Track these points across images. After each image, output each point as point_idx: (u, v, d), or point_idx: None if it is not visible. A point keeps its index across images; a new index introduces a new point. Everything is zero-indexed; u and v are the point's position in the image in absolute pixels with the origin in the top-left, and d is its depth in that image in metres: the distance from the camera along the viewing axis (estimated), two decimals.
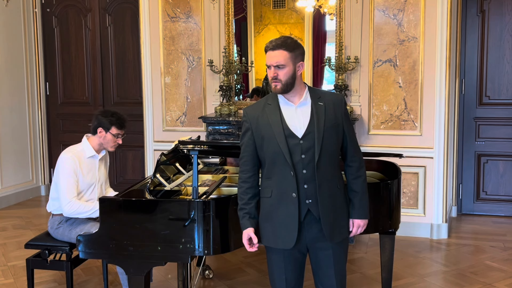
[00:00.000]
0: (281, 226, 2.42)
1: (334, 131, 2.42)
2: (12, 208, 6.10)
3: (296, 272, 2.50)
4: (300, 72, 2.42)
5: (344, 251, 2.53)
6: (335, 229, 2.44)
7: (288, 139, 2.38)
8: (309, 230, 2.42)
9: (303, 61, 2.43)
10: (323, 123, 2.39)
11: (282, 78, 2.37)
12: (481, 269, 4.20)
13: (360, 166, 2.52)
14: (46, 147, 6.71)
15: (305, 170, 2.38)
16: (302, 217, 2.39)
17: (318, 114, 2.41)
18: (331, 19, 5.04)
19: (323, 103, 2.43)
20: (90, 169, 3.47)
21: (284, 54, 2.36)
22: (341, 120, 2.45)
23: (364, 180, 2.52)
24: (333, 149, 2.43)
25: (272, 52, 2.38)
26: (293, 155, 2.38)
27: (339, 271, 2.50)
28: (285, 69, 2.37)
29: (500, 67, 5.45)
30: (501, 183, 5.56)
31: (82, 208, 3.32)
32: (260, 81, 5.13)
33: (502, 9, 5.39)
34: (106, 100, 6.33)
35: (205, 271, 4.03)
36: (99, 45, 6.39)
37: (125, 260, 2.82)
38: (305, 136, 2.39)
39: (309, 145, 2.38)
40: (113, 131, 3.43)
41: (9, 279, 4.10)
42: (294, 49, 2.38)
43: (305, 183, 2.38)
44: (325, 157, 2.39)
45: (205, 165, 3.80)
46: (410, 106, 4.84)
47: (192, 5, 5.29)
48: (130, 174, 6.39)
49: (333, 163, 2.44)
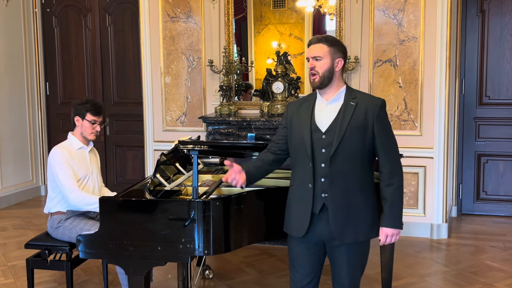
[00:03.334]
0: (296, 214, 2.52)
1: (359, 132, 2.42)
2: (12, 208, 6.10)
3: (311, 264, 2.54)
4: (339, 69, 2.48)
5: (360, 254, 2.51)
6: (345, 228, 2.44)
7: (313, 133, 2.46)
8: (324, 224, 2.46)
9: (343, 58, 2.49)
10: (348, 122, 2.41)
11: (319, 70, 2.45)
12: (481, 269, 4.20)
13: (393, 174, 2.45)
14: (46, 147, 6.71)
15: (324, 164, 2.43)
16: (316, 210, 2.45)
17: (345, 113, 2.44)
18: (331, 19, 5.04)
19: (355, 103, 2.45)
20: (81, 161, 3.49)
21: (323, 47, 2.46)
22: (372, 123, 2.43)
23: (396, 188, 2.45)
24: (355, 149, 2.42)
25: (313, 46, 2.49)
26: (315, 149, 2.45)
27: (353, 272, 2.51)
28: (322, 61, 2.45)
29: (500, 67, 5.45)
30: (501, 183, 5.56)
31: (88, 199, 3.33)
32: (260, 81, 5.13)
33: (502, 9, 5.39)
34: (106, 100, 6.33)
35: (205, 271, 4.03)
36: (99, 45, 6.39)
37: (125, 260, 2.82)
38: (328, 131, 2.44)
39: (330, 140, 2.42)
40: (88, 118, 3.48)
41: (9, 279, 4.10)
42: (333, 44, 2.47)
43: (322, 177, 2.44)
44: (343, 154, 2.41)
45: (205, 165, 3.80)
46: (410, 106, 4.84)
47: (192, 5, 5.29)
48: (130, 174, 6.39)
49: (354, 163, 2.43)
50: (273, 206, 2.94)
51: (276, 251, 4.60)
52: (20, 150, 6.40)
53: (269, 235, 3.04)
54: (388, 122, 2.51)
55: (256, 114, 5.06)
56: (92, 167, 3.57)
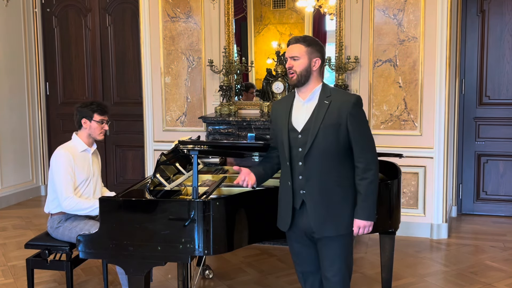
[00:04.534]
0: (282, 210, 2.68)
1: (332, 130, 2.49)
2: (12, 208, 6.10)
3: (306, 256, 2.68)
4: (316, 68, 2.56)
5: (341, 247, 2.58)
6: (324, 223, 2.53)
7: (290, 133, 2.58)
8: (304, 218, 2.58)
9: (320, 58, 2.57)
10: (321, 121, 2.49)
11: (296, 69, 2.54)
12: (481, 269, 4.20)
13: (367, 168, 2.51)
14: (46, 147, 6.71)
15: (301, 162, 2.55)
16: (297, 205, 2.59)
17: (319, 112, 2.52)
18: (331, 19, 5.04)
19: (329, 101, 2.52)
20: (84, 163, 3.48)
21: (300, 47, 2.55)
22: (345, 121, 2.48)
23: (370, 182, 2.51)
24: (330, 147, 2.50)
25: (291, 46, 2.58)
26: (293, 148, 2.57)
27: (335, 265, 2.57)
28: (299, 61, 2.54)
29: (500, 67, 5.45)
30: (501, 183, 5.56)
31: (81, 205, 3.33)
32: (260, 81, 5.12)
33: (502, 9, 5.39)
34: (106, 100, 6.32)
35: (205, 271, 4.03)
36: (99, 45, 6.39)
37: (125, 260, 2.82)
38: (303, 131, 2.55)
39: (305, 139, 2.53)
40: (96, 118, 3.48)
41: (9, 279, 4.11)
42: (311, 44, 2.55)
43: (299, 175, 2.56)
44: (317, 153, 2.50)
45: (205, 165, 3.80)
46: (410, 106, 4.84)
47: (192, 5, 5.29)
48: (130, 174, 6.39)
49: (330, 160, 2.51)
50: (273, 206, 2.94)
51: (276, 251, 4.60)
52: (20, 150, 6.40)
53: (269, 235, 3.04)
54: (363, 118, 2.56)
55: (256, 114, 5.06)
56: (94, 169, 3.57)
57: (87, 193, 3.48)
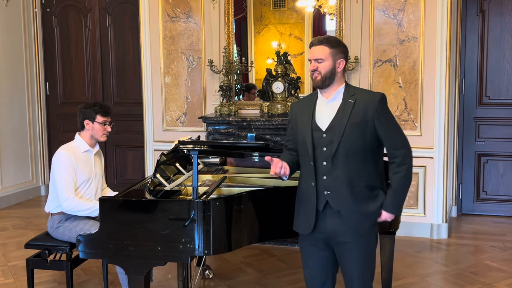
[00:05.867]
0: (303, 212, 2.58)
1: (359, 128, 2.45)
2: (12, 208, 6.10)
3: (321, 261, 2.60)
4: (341, 69, 2.53)
5: (365, 249, 2.53)
6: (350, 226, 2.48)
7: (314, 132, 2.52)
8: (328, 221, 2.51)
9: (344, 59, 2.54)
10: (347, 119, 2.45)
11: (321, 71, 2.49)
12: (481, 269, 4.20)
13: (402, 163, 2.47)
14: (46, 147, 6.71)
15: (325, 162, 2.48)
16: (320, 207, 2.51)
17: (344, 110, 2.48)
18: (331, 19, 5.04)
19: (353, 100, 2.49)
20: (86, 164, 3.48)
21: (324, 49, 2.49)
22: (372, 118, 2.45)
23: (403, 176, 2.47)
24: (357, 146, 2.45)
25: (314, 47, 2.52)
26: (316, 147, 2.51)
27: (357, 270, 2.53)
28: (324, 63, 2.49)
29: (500, 67, 5.45)
30: (501, 183, 5.56)
31: (81, 206, 3.33)
32: (260, 81, 5.12)
33: (502, 9, 5.39)
34: (106, 100, 6.32)
35: (205, 271, 4.03)
36: (99, 45, 6.39)
37: (125, 260, 2.82)
38: (328, 130, 2.49)
39: (331, 139, 2.47)
40: (99, 120, 3.48)
41: (9, 279, 4.11)
42: (335, 46, 2.51)
43: (324, 175, 2.49)
44: (344, 152, 2.45)
45: (205, 165, 3.80)
46: (410, 106, 4.84)
47: (192, 5, 5.29)
48: (130, 174, 6.39)
49: (357, 159, 2.46)
50: (273, 206, 2.94)
51: (276, 251, 4.60)
52: (20, 150, 6.39)
53: (270, 235, 3.04)
54: (390, 115, 2.52)
55: (256, 114, 5.06)
56: (96, 169, 3.57)
57: (88, 193, 3.49)
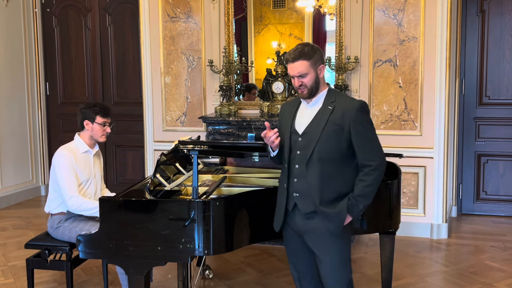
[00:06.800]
0: (277, 210, 2.71)
1: (335, 135, 2.47)
2: (12, 208, 6.10)
3: (301, 256, 2.68)
4: (322, 74, 2.56)
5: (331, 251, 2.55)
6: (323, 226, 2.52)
7: (292, 135, 2.59)
8: (296, 221, 2.60)
9: (323, 63, 2.54)
10: (323, 125, 2.48)
11: (307, 83, 2.51)
12: (481, 269, 4.20)
13: (369, 173, 2.46)
14: (46, 147, 6.71)
15: (298, 165, 2.55)
16: (289, 207, 2.61)
17: (322, 116, 2.51)
18: (331, 19, 5.04)
19: (332, 107, 2.51)
20: (85, 164, 3.49)
21: (304, 63, 2.49)
22: (348, 127, 2.45)
23: (367, 186, 2.46)
24: (332, 152, 2.48)
25: (293, 64, 2.51)
26: (292, 150, 2.58)
27: (331, 270, 2.56)
28: (307, 76, 2.50)
29: (500, 67, 5.45)
30: (501, 183, 5.56)
31: (86, 205, 3.33)
32: (260, 81, 5.12)
33: (502, 9, 5.39)
34: (106, 100, 6.32)
35: (205, 271, 4.03)
36: (99, 45, 6.39)
37: (125, 260, 2.82)
38: (304, 134, 2.55)
39: (305, 143, 2.53)
40: (98, 121, 3.48)
41: (9, 279, 4.11)
42: (312, 56, 2.50)
43: (295, 177, 2.56)
44: (319, 157, 2.49)
45: (205, 165, 3.80)
46: (410, 106, 4.84)
47: (192, 5, 5.29)
48: (130, 174, 6.39)
49: (332, 166, 2.49)
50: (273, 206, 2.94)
51: (276, 251, 4.60)
52: (20, 150, 6.39)
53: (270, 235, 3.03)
54: (369, 124, 2.51)
55: (256, 114, 5.06)
56: (95, 170, 3.57)
57: (88, 194, 3.49)
